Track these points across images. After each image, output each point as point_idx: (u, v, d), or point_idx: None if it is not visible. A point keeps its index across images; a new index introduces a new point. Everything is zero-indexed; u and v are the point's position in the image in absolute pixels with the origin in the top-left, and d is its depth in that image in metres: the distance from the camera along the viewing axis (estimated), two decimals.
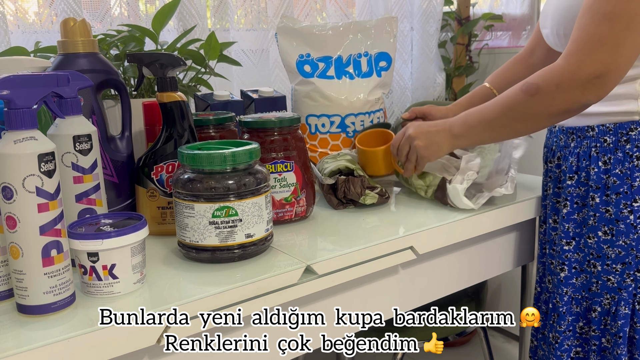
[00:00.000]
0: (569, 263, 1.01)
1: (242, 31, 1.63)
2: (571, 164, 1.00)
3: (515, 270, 1.25)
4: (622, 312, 0.95)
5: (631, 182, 0.93)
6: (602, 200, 0.95)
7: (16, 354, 0.60)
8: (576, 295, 1.01)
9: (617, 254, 0.95)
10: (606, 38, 0.82)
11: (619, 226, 0.94)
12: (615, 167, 0.94)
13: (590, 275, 0.98)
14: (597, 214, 0.96)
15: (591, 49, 0.83)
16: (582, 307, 1.01)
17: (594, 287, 0.98)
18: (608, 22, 0.82)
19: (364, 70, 1.32)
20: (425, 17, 1.92)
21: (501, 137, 0.99)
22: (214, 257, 0.81)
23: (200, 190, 0.79)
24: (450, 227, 0.97)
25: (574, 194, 0.99)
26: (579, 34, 0.85)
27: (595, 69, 0.83)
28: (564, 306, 1.01)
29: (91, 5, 1.40)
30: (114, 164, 0.96)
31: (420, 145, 1.01)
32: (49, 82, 0.69)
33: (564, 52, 0.87)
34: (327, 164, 1.12)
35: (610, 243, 0.95)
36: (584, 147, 0.98)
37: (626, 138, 0.93)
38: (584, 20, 0.85)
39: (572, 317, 1.01)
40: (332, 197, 1.07)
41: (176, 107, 0.92)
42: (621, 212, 0.93)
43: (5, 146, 0.64)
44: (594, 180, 0.96)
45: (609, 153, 0.94)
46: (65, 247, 0.69)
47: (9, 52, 1.13)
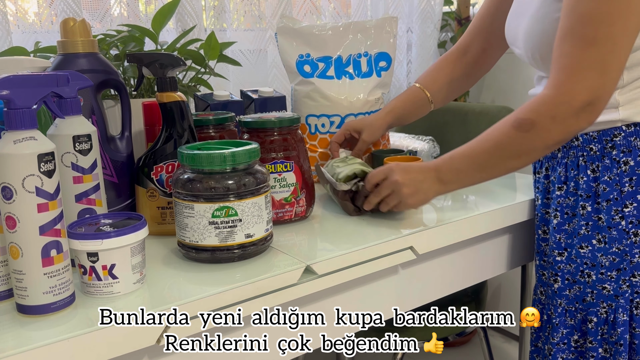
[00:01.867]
0: (561, 274, 0.99)
1: (240, 31, 1.63)
2: (559, 174, 0.99)
3: (515, 271, 1.25)
4: (620, 320, 0.94)
5: (620, 187, 0.92)
6: (594, 208, 0.94)
7: (16, 354, 0.60)
8: (570, 307, 0.99)
9: (612, 261, 0.93)
10: (594, 64, 0.81)
11: (612, 233, 0.93)
12: (604, 174, 0.93)
13: (584, 285, 0.97)
14: (590, 222, 0.95)
15: (580, 76, 0.82)
16: (576, 320, 0.99)
17: (588, 298, 0.97)
18: (593, 47, 0.81)
19: (364, 70, 1.32)
20: (422, 18, 1.92)
21: (493, 176, 0.94)
22: (213, 257, 0.81)
23: (200, 190, 0.79)
24: (450, 227, 0.97)
25: (564, 204, 0.98)
26: (565, 61, 0.84)
27: (588, 95, 0.82)
28: (557, 318, 1.00)
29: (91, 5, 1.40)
30: (114, 164, 0.96)
31: (407, 192, 0.95)
32: (49, 82, 0.69)
33: (551, 82, 0.86)
34: (339, 168, 1.07)
35: (604, 251, 0.94)
36: (571, 157, 0.97)
37: (611, 144, 0.92)
38: (567, 46, 0.84)
39: (566, 330, 1.00)
40: (349, 204, 1.02)
41: (176, 107, 0.92)
42: (613, 219, 0.92)
43: (5, 146, 0.64)
44: (583, 189, 0.95)
45: (596, 161, 0.93)
46: (65, 247, 0.69)
47: (9, 52, 1.13)
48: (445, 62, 1.22)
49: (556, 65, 0.85)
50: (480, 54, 1.18)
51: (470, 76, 1.23)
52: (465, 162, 0.94)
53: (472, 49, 1.19)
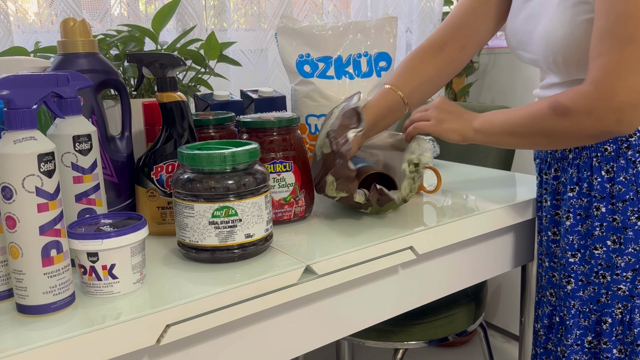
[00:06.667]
0: (575, 276, 0.99)
1: (241, 31, 1.63)
2: (571, 176, 0.98)
3: (515, 270, 1.25)
4: (637, 320, 0.94)
5: (636, 188, 0.92)
6: (608, 209, 0.94)
7: (16, 354, 0.60)
8: (584, 308, 0.99)
9: (627, 261, 0.93)
10: (635, 63, 0.80)
11: (627, 234, 0.93)
12: (619, 174, 0.92)
13: (599, 286, 0.97)
14: (604, 223, 0.94)
15: (620, 76, 0.81)
16: (590, 321, 0.99)
17: (603, 299, 0.97)
18: (632, 46, 0.80)
19: (364, 70, 1.32)
20: (422, 17, 1.92)
21: (520, 145, 0.97)
22: (213, 257, 0.81)
23: (200, 190, 0.79)
24: (450, 227, 0.97)
25: (576, 205, 0.98)
26: (603, 61, 0.82)
27: (629, 96, 0.81)
28: (571, 319, 1.00)
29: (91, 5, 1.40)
30: (114, 164, 0.96)
31: (435, 116, 0.97)
32: (49, 82, 0.69)
33: (590, 78, 0.84)
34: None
35: (619, 252, 0.94)
36: (583, 157, 0.96)
37: (627, 145, 0.92)
38: (605, 46, 0.82)
39: (580, 331, 1.00)
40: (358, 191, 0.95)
41: (176, 107, 0.92)
42: (629, 220, 0.92)
43: (5, 146, 0.64)
44: (597, 190, 0.95)
45: (611, 161, 0.93)
46: (65, 247, 0.69)
47: (9, 52, 1.13)
48: (418, 60, 1.12)
49: (594, 64, 0.84)
50: (458, 52, 1.11)
51: (444, 74, 1.14)
52: (500, 119, 0.96)
53: (449, 45, 1.11)
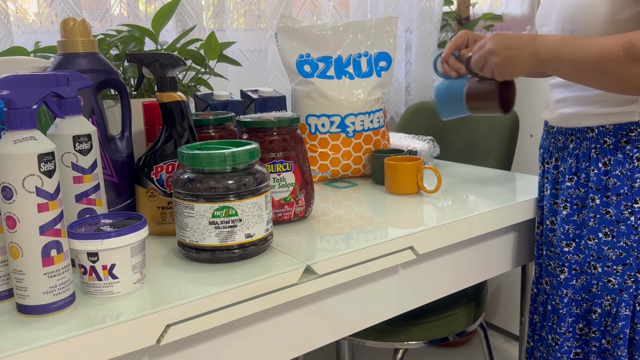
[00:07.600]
0: (568, 265, 1.00)
1: (240, 31, 1.63)
2: (570, 165, 0.99)
3: (515, 270, 1.25)
4: (622, 314, 0.95)
5: (631, 183, 0.92)
6: (603, 201, 0.95)
7: (16, 354, 0.60)
8: (576, 296, 1.00)
9: (618, 255, 0.94)
10: None
11: (620, 227, 0.94)
12: (616, 168, 0.93)
13: (590, 276, 0.98)
14: (598, 215, 0.96)
15: None
16: (582, 309, 1.00)
17: (594, 289, 0.98)
18: None
19: (364, 70, 1.32)
20: (421, 17, 1.92)
21: (584, 81, 0.90)
22: (213, 257, 0.81)
23: (200, 190, 0.79)
24: (450, 227, 0.98)
25: (574, 195, 0.99)
26: None
27: None
28: (563, 308, 1.01)
29: (91, 5, 1.40)
30: (114, 164, 0.96)
31: (497, 62, 0.93)
32: (49, 82, 0.69)
33: None
34: None
35: (611, 244, 0.95)
36: (583, 148, 0.97)
37: (626, 139, 0.92)
38: None
39: (572, 319, 1.01)
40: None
41: (176, 107, 0.92)
42: (622, 214, 0.93)
43: (5, 146, 0.64)
44: (593, 181, 0.96)
45: (609, 154, 0.94)
46: (65, 247, 0.69)
47: (9, 52, 1.13)
48: None
49: None
50: None
51: None
52: (567, 51, 0.88)
53: None
